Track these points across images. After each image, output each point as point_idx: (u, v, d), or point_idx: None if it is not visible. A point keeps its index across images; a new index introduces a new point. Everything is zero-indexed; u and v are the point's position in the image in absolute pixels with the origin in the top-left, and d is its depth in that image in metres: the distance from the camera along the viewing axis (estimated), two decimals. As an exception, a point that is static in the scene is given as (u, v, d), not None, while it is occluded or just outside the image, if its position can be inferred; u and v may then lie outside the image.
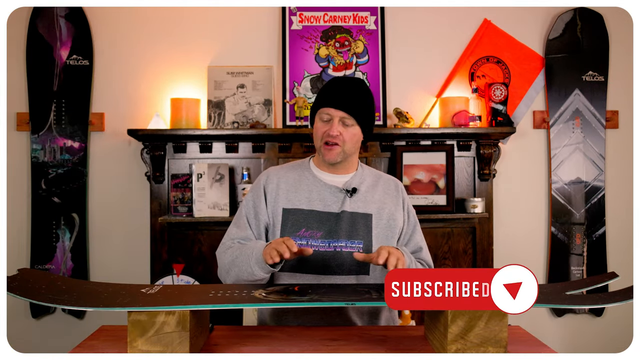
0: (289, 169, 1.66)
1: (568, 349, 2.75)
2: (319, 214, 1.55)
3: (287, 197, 1.58)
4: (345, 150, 1.55)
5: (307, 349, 1.25)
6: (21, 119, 2.65)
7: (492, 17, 2.74)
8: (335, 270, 1.52)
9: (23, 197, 2.67)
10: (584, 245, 2.75)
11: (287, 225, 1.55)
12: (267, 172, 1.66)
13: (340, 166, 1.61)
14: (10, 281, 1.25)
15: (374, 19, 2.72)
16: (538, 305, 1.18)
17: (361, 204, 1.58)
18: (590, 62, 2.76)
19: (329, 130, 1.52)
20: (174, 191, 2.55)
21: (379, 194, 1.62)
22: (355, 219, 1.55)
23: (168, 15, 2.71)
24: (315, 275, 1.52)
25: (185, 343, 1.14)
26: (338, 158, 1.56)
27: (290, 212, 1.56)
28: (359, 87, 1.57)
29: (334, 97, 1.53)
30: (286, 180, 1.62)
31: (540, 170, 2.79)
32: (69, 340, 2.61)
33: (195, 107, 2.62)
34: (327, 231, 1.54)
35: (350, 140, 1.54)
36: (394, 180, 1.69)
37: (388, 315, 1.64)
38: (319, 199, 1.57)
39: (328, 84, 1.59)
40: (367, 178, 1.64)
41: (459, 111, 2.61)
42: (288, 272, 1.54)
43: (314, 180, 1.61)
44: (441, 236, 2.65)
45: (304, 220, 1.54)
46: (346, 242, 1.53)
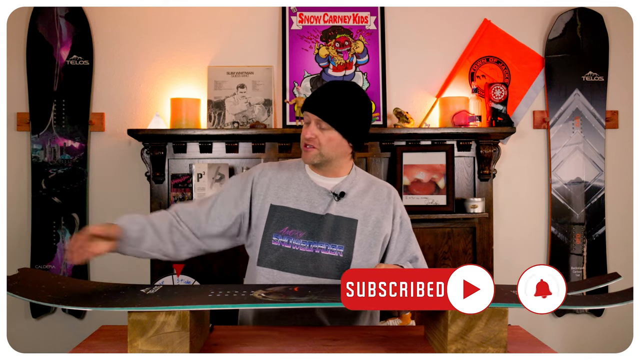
0: (284, 168, 1.66)
1: (568, 349, 2.75)
2: (304, 214, 1.55)
3: (277, 194, 1.59)
4: (323, 154, 1.54)
5: (307, 349, 1.25)
6: (21, 119, 2.65)
7: (492, 17, 2.74)
8: (312, 272, 1.52)
9: (23, 197, 2.67)
10: (583, 245, 2.75)
11: (272, 221, 1.56)
12: (263, 167, 1.67)
13: (329, 168, 1.60)
14: (10, 281, 1.25)
15: (374, 19, 2.72)
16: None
17: (348, 208, 1.58)
18: (590, 62, 2.76)
19: (305, 133, 1.55)
20: (174, 191, 2.55)
21: (368, 200, 1.61)
22: (339, 223, 1.55)
23: (168, 15, 2.71)
24: (293, 274, 1.52)
25: (185, 343, 1.14)
26: (314, 160, 1.56)
27: (277, 209, 1.56)
28: (342, 92, 1.55)
29: (313, 101, 1.55)
30: (279, 177, 1.62)
31: (540, 170, 2.79)
32: (69, 340, 2.61)
33: (195, 107, 2.62)
34: (310, 232, 1.54)
35: (326, 144, 1.53)
36: (388, 187, 1.67)
37: (369, 317, 1.65)
38: (306, 200, 1.58)
39: (317, 88, 1.61)
40: (358, 183, 1.63)
41: (459, 111, 2.61)
42: (267, 267, 1.54)
43: (305, 180, 1.61)
44: (441, 236, 2.65)
45: (289, 219, 1.55)
46: (327, 245, 1.53)
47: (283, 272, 1.53)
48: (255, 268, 1.56)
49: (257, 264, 1.55)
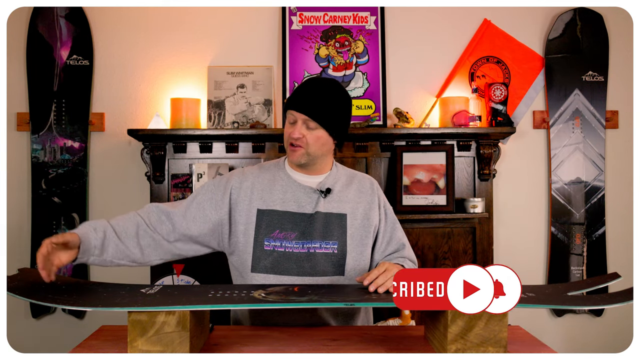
0: (264, 170, 1.64)
1: (568, 349, 2.75)
2: (293, 215, 1.54)
3: (262, 198, 1.56)
4: (310, 153, 1.54)
5: (307, 349, 1.25)
6: (21, 119, 2.65)
7: (492, 17, 2.74)
8: (309, 272, 1.51)
9: (23, 197, 2.67)
10: (583, 245, 2.75)
11: (261, 226, 1.53)
12: (242, 171, 1.63)
13: (313, 167, 1.60)
14: (10, 281, 1.26)
15: (374, 19, 2.72)
16: (539, 306, 1.18)
17: (335, 204, 1.58)
18: (590, 62, 2.76)
19: (292, 133, 1.52)
20: (174, 191, 2.55)
21: (353, 193, 1.61)
22: (330, 220, 1.55)
23: (168, 15, 2.71)
24: (289, 276, 1.51)
25: (185, 343, 1.14)
26: (302, 159, 1.55)
27: (264, 213, 1.54)
28: (326, 89, 1.54)
29: (299, 100, 1.52)
30: (261, 180, 1.60)
31: (540, 170, 2.79)
32: (69, 340, 2.61)
33: (195, 107, 2.62)
34: (301, 232, 1.53)
35: (314, 143, 1.53)
36: (369, 178, 1.68)
37: (364, 316, 1.65)
38: (293, 200, 1.56)
39: (300, 85, 1.58)
40: (341, 178, 1.64)
41: (459, 111, 2.61)
42: (262, 273, 1.52)
43: (288, 180, 1.60)
44: (441, 236, 2.65)
45: (278, 222, 1.53)
46: (320, 243, 1.53)
47: (280, 275, 1.51)
48: (248, 275, 1.53)
49: (252, 271, 1.52)
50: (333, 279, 1.53)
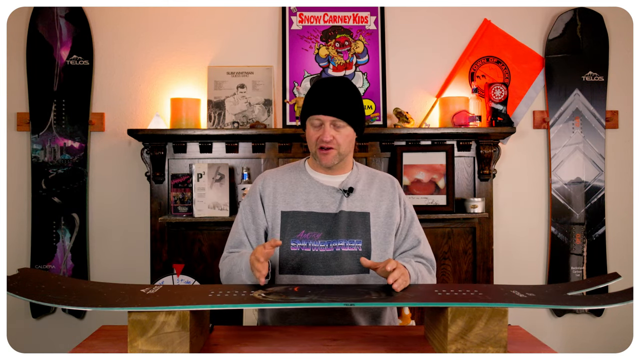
0: (285, 172, 1.66)
1: (568, 349, 2.75)
2: (318, 215, 1.56)
3: (285, 200, 1.59)
4: (341, 152, 1.57)
5: (307, 349, 1.25)
6: (21, 119, 2.65)
7: (492, 17, 2.74)
8: (335, 270, 1.53)
9: (23, 197, 2.67)
10: (583, 245, 2.75)
11: (286, 228, 1.56)
12: (264, 176, 1.67)
13: (336, 167, 1.62)
14: (10, 281, 1.25)
15: (374, 19, 2.72)
16: (539, 306, 1.18)
17: (358, 203, 1.60)
18: (590, 62, 2.76)
19: (322, 136, 1.53)
20: (174, 191, 2.55)
21: (375, 192, 1.63)
22: (353, 218, 1.57)
23: (168, 15, 2.71)
24: (316, 276, 1.53)
25: (185, 343, 1.14)
26: (335, 161, 1.57)
27: (288, 215, 1.57)
28: (344, 87, 1.56)
29: (322, 103, 1.53)
30: (283, 183, 1.63)
31: (540, 170, 2.79)
32: (69, 340, 2.61)
33: (195, 107, 2.62)
34: (326, 232, 1.55)
35: (344, 142, 1.55)
36: (390, 177, 1.70)
37: (390, 315, 1.65)
38: (316, 200, 1.59)
39: (314, 89, 1.58)
40: (362, 177, 1.66)
41: (459, 111, 2.61)
42: (289, 274, 1.54)
43: (310, 182, 1.62)
44: (441, 236, 2.65)
45: (303, 222, 1.56)
46: (345, 242, 1.55)
47: (307, 275, 1.53)
48: (275, 276, 1.56)
49: (279, 272, 1.55)
50: (359, 277, 1.54)
